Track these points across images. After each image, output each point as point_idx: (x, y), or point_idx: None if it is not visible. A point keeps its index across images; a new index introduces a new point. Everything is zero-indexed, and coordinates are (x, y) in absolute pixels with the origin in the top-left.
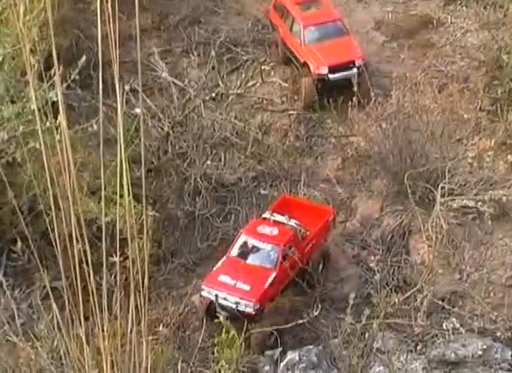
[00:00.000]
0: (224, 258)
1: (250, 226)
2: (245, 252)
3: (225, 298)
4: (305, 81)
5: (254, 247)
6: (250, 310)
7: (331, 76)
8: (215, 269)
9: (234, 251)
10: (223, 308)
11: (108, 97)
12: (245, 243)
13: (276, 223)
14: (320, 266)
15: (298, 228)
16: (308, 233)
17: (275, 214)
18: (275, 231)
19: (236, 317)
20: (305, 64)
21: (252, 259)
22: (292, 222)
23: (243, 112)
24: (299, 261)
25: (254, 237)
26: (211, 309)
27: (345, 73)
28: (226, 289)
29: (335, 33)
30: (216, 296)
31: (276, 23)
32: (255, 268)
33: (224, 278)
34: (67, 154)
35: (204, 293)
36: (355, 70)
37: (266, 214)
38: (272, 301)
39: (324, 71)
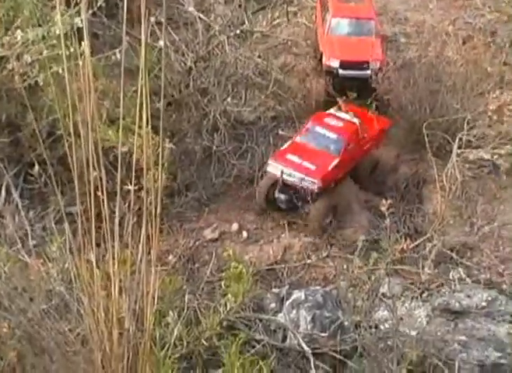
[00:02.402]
0: (289, 142)
1: (317, 116)
2: (311, 138)
3: (290, 174)
4: (318, 82)
5: (320, 135)
6: (313, 187)
7: (341, 71)
8: (281, 149)
9: (301, 137)
10: (285, 186)
11: (133, 28)
12: (312, 130)
13: (341, 118)
14: (368, 171)
15: (360, 127)
16: (366, 136)
17: (340, 112)
18: (341, 124)
19: (292, 207)
20: (322, 55)
21: (318, 145)
22: (356, 120)
23: (266, 52)
24: (359, 154)
25: (322, 126)
26: (269, 197)
27: (357, 72)
28: (293, 166)
29: (363, 31)
30: (282, 172)
31: (316, 11)
32: (321, 152)
33: (291, 157)
34: (88, 80)
35: (269, 168)
36: (368, 72)
37: (332, 110)
38: (331, 185)
39: (335, 64)
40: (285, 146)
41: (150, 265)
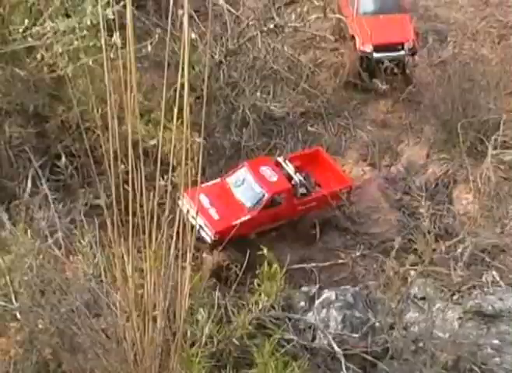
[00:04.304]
0: (219, 179)
1: (255, 162)
2: (237, 183)
3: (193, 216)
4: (349, 60)
5: (246, 183)
6: (207, 238)
7: (375, 55)
8: (203, 185)
9: (230, 178)
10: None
11: (161, 19)
12: (242, 175)
13: (280, 172)
14: (314, 231)
15: (299, 185)
16: (311, 195)
17: (287, 162)
18: (274, 178)
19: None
20: (353, 38)
21: (239, 193)
22: (297, 177)
23: (295, 46)
24: (288, 214)
25: (254, 174)
26: None
27: (392, 54)
28: (199, 209)
29: (392, 8)
30: (187, 211)
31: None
32: (237, 203)
33: (204, 198)
34: (130, 73)
35: (179, 203)
36: (402, 52)
37: (280, 158)
38: (240, 238)
39: (369, 49)
40: (209, 183)
41: (184, 260)
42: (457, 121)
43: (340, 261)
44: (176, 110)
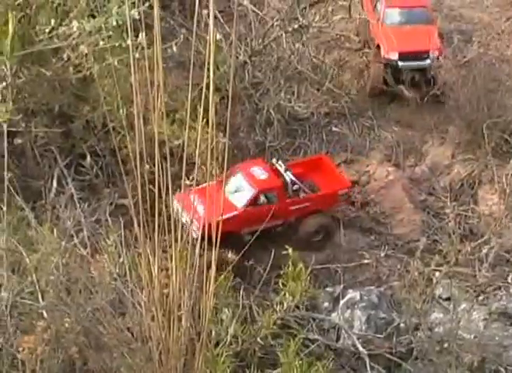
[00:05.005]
0: (214, 181)
1: (247, 163)
2: (228, 183)
3: (183, 215)
4: (374, 66)
5: (237, 182)
6: (194, 234)
7: (400, 63)
8: (198, 187)
9: (226, 181)
10: None
11: (185, 19)
12: (233, 175)
13: (271, 170)
14: (318, 236)
15: (292, 183)
16: (303, 195)
17: (280, 162)
18: (263, 176)
19: None
20: (378, 47)
21: (228, 192)
22: (288, 175)
23: (319, 47)
24: (280, 214)
25: (244, 173)
26: None
27: (417, 63)
28: (187, 207)
29: (418, 19)
30: (177, 211)
31: (365, 5)
32: (226, 201)
33: (195, 198)
34: (157, 73)
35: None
36: (428, 61)
37: (274, 160)
38: (232, 237)
39: (394, 56)
40: (204, 184)
41: (209, 260)
42: (483, 122)
43: (364, 261)
44: (201, 110)
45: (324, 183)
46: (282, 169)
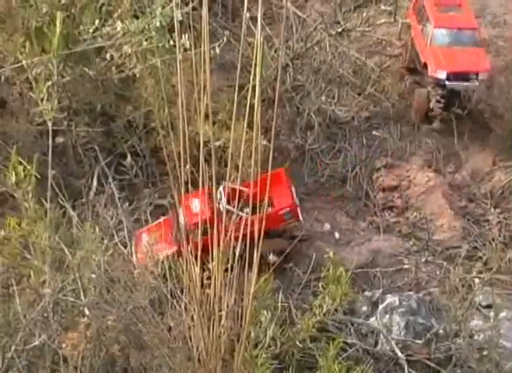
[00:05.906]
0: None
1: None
2: (180, 217)
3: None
4: (418, 91)
5: (182, 215)
6: None
7: (448, 83)
8: (153, 224)
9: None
10: None
11: (227, 22)
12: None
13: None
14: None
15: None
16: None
17: (221, 191)
18: (197, 209)
19: None
20: (425, 66)
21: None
22: (223, 205)
23: (361, 51)
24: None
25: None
26: None
27: (465, 84)
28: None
29: (467, 41)
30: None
31: (411, 23)
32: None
33: (145, 237)
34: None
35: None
36: (476, 83)
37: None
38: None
39: (442, 75)
40: (159, 220)
41: (251, 262)
42: None
43: (404, 267)
44: (246, 112)
45: (277, 202)
46: (220, 196)
